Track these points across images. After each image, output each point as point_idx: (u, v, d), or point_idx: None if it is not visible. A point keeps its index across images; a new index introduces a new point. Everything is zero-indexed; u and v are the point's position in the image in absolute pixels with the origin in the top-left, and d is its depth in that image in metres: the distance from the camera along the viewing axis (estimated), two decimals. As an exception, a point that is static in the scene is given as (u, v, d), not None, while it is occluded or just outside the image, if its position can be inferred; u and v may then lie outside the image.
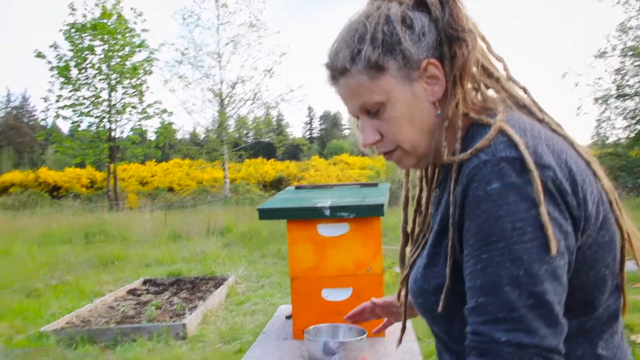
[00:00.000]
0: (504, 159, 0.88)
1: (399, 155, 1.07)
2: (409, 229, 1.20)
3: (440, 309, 0.98)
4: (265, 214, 2.68)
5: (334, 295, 2.59)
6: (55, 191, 31.47)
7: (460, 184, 0.93)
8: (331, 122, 76.20)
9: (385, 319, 1.69)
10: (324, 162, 38.72)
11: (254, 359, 2.29)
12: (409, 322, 2.74)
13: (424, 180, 1.18)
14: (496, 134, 0.92)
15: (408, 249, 1.20)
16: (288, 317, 2.99)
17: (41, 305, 7.01)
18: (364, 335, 2.23)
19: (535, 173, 0.86)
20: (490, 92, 1.05)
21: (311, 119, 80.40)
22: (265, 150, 43.91)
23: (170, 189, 31.68)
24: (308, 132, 77.77)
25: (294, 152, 46.98)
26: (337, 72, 1.03)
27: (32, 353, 5.02)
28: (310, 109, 79.18)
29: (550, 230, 0.85)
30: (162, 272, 9.20)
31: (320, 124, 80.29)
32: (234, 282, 8.38)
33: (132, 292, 7.81)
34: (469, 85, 1.02)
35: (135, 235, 13.46)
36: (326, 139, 67.97)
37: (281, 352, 2.35)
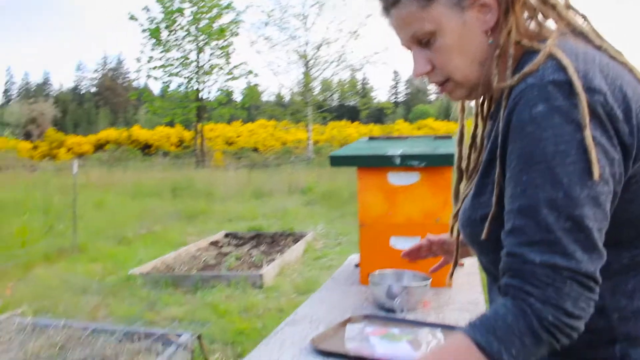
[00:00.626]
0: (552, 82, 0.85)
1: (450, 86, 1.05)
2: (463, 165, 1.19)
3: (484, 236, 0.97)
4: (337, 160, 2.70)
5: (402, 243, 2.59)
6: (146, 149, 32.96)
7: (507, 109, 0.91)
8: (417, 86, 74.95)
9: (442, 259, 1.68)
10: (409, 126, 38.32)
11: (319, 300, 2.34)
12: (476, 274, 2.71)
13: (479, 116, 1.16)
14: (545, 58, 0.89)
15: (462, 185, 1.19)
16: (357, 266, 3.03)
17: (130, 251, 7.43)
18: (428, 282, 2.23)
19: (583, 96, 0.83)
20: (548, 22, 1.01)
21: (396, 82, 79.37)
22: (350, 114, 43.89)
23: (255, 149, 32.41)
24: (393, 96, 76.92)
25: (378, 115, 46.70)
26: (389, 3, 1.02)
27: (121, 291, 5.36)
28: (395, 72, 78.11)
29: (593, 154, 0.81)
30: (243, 227, 9.49)
31: (405, 88, 79.17)
32: (312, 239, 8.53)
33: (214, 243, 8.12)
34: (524, 14, 0.98)
35: (220, 192, 13.92)
36: (411, 104, 67.07)
37: (346, 296, 2.39)
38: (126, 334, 3.62)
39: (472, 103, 1.17)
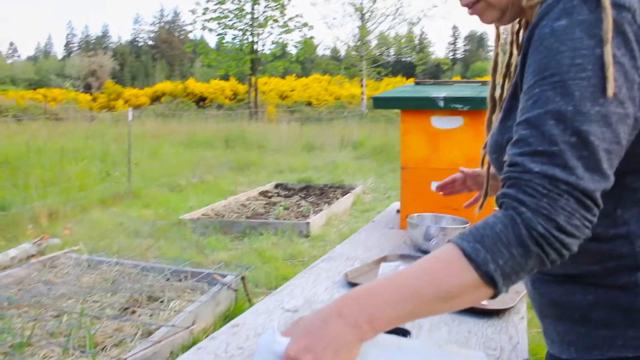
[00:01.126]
0: None
1: (481, 7, 1.01)
2: (496, 95, 1.15)
3: (506, 157, 0.94)
4: (380, 102, 2.67)
5: (444, 188, 2.57)
6: (201, 101, 33.39)
7: (531, 25, 0.87)
8: (476, 43, 72.86)
9: (476, 194, 1.65)
10: (465, 83, 37.36)
11: (356, 241, 2.35)
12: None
13: (514, 44, 1.12)
14: None
15: (495, 116, 1.16)
16: (398, 211, 3.02)
17: (182, 199, 7.62)
18: (466, 225, 2.21)
19: (609, 11, 0.78)
20: None
21: (455, 38, 77.34)
22: (405, 70, 43.13)
23: (309, 104, 32.37)
24: (451, 53, 75.09)
25: (435, 72, 45.71)
26: None
27: (171, 235, 5.52)
28: (454, 28, 76.05)
29: (611, 71, 0.77)
30: (293, 178, 9.56)
31: (464, 45, 77.09)
32: (361, 192, 8.53)
33: (263, 193, 8.23)
34: None
35: (271, 144, 14.03)
36: (470, 61, 65.29)
37: (384, 238, 2.40)
38: (174, 272, 3.74)
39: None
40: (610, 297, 0.90)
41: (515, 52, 1.11)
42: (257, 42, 26.50)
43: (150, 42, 78.40)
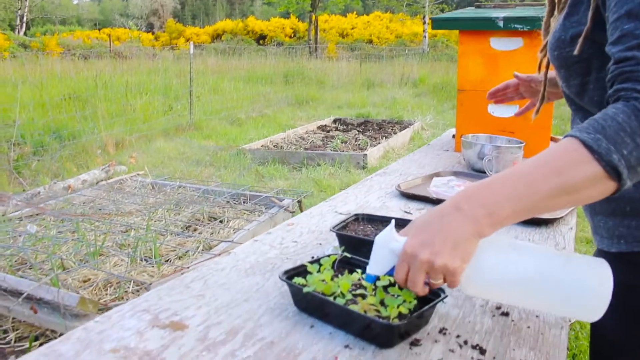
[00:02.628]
0: None
1: None
2: None
3: (576, 51, 0.94)
4: (439, 23, 2.64)
5: (500, 111, 2.55)
6: (261, 39, 33.33)
7: None
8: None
9: (529, 101, 1.65)
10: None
11: (411, 160, 2.38)
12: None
13: None
14: None
15: (553, 19, 1.14)
16: (454, 136, 3.02)
17: (242, 131, 7.77)
18: (521, 145, 2.21)
19: None
20: None
21: (524, -27, 73.58)
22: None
23: (369, 42, 31.84)
24: (519, -12, 71.60)
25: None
26: None
27: (231, 164, 5.67)
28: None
29: None
30: (352, 114, 9.56)
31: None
32: (420, 128, 8.47)
33: (322, 127, 8.28)
34: None
35: (331, 81, 13.98)
36: None
37: (439, 159, 2.42)
38: (233, 195, 3.88)
39: None
40: None
41: None
42: (317, -23, 26.04)
43: (210, -20, 78.00)
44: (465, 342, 0.90)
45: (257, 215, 3.52)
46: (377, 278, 0.89)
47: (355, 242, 1.15)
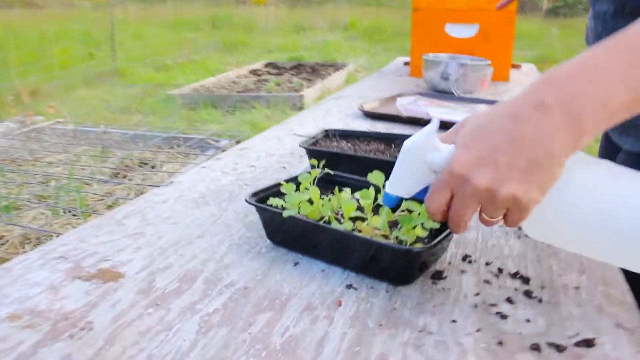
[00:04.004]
0: None
1: None
2: None
3: None
4: None
5: (458, 31, 2.33)
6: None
7: None
8: None
9: None
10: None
11: (365, 85, 2.15)
12: (534, 75, 2.45)
13: None
14: None
15: None
16: (406, 64, 2.80)
17: (169, 77, 7.31)
18: (487, 62, 2.01)
19: None
20: None
21: None
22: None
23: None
24: None
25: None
26: None
27: (160, 110, 5.29)
28: None
29: None
30: (284, 58, 9.21)
31: None
32: (354, 70, 8.24)
33: (254, 72, 7.91)
34: None
35: (260, 26, 13.47)
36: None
37: (395, 83, 2.20)
38: (164, 139, 3.55)
39: None
40: None
41: None
42: None
43: None
44: (500, 270, 0.69)
45: (192, 158, 3.22)
46: (400, 202, 0.62)
47: (333, 159, 0.91)
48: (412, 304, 0.60)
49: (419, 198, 0.60)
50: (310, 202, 0.68)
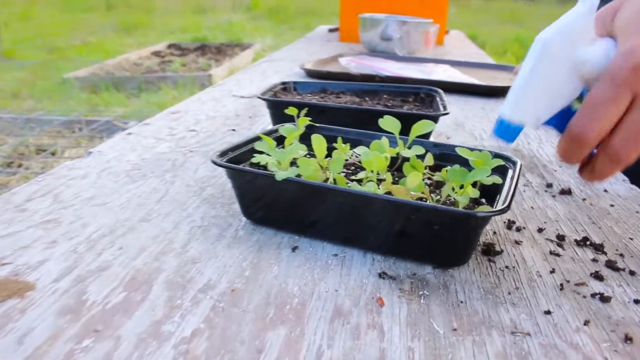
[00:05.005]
0: None
1: None
2: None
3: None
4: None
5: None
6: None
7: None
8: None
9: None
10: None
11: (295, 48, 1.94)
12: (465, 40, 2.34)
13: None
14: None
15: None
16: (332, 30, 2.61)
17: (64, 60, 6.76)
18: (430, 21, 1.86)
19: None
20: None
21: None
22: None
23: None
24: None
25: None
26: None
27: (56, 94, 4.83)
28: None
29: None
30: (187, 39, 8.80)
31: None
32: (261, 50, 7.99)
33: (156, 53, 7.47)
34: None
35: (158, 7, 12.86)
36: None
37: (326, 47, 2.00)
38: (64, 123, 3.19)
39: None
40: None
41: None
42: None
43: None
44: (561, 238, 0.51)
45: (98, 142, 2.88)
46: (517, 134, 0.41)
47: (308, 114, 0.70)
48: (480, 293, 0.41)
49: (554, 126, 0.42)
50: (311, 157, 0.48)
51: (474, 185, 0.46)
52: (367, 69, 1.29)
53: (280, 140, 0.55)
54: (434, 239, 0.43)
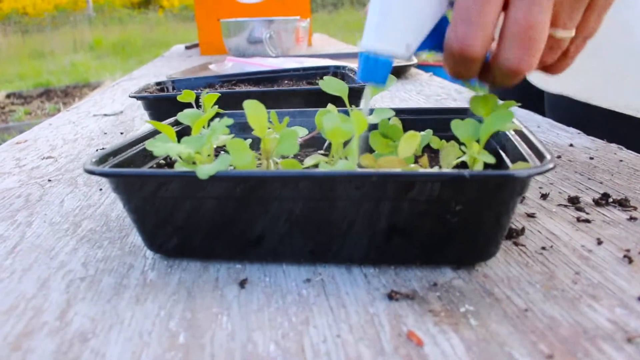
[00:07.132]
0: None
1: None
2: None
3: None
4: None
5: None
6: None
7: None
8: None
9: None
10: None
11: (154, 66, 1.75)
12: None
13: None
14: None
15: None
16: (188, 47, 2.44)
17: None
18: (297, 18, 1.74)
19: None
20: None
21: None
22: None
23: (25, 14, 28.31)
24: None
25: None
26: None
27: None
28: None
29: None
30: (28, 85, 8.18)
31: None
32: (112, 86, 7.60)
33: (-6, 105, 6.85)
34: None
35: (-11, 57, 11.91)
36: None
37: (190, 60, 1.83)
38: None
39: None
40: None
41: None
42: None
43: None
44: (574, 200, 0.40)
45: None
46: (387, 70, 0.32)
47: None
48: (539, 291, 0.28)
49: (432, 49, 0.32)
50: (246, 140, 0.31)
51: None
52: (246, 66, 1.14)
53: (181, 136, 0.38)
54: (452, 225, 0.28)
